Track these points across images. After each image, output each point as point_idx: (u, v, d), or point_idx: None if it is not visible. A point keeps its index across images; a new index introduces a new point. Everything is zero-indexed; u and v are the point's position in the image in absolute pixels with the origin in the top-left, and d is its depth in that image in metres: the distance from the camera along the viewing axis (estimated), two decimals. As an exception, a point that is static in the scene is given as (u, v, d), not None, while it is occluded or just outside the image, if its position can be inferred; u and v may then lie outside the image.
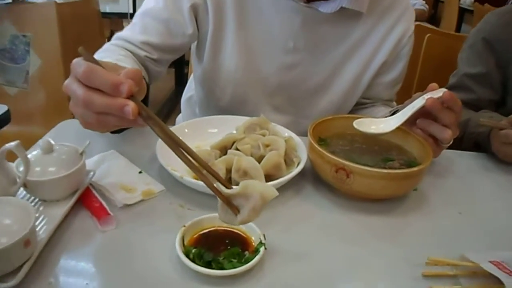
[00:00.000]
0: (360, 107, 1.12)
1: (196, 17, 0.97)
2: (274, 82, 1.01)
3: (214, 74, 1.02)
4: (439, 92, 0.78)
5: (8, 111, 1.12)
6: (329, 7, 0.91)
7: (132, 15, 2.69)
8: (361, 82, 1.04)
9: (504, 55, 1.17)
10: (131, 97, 0.52)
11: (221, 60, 0.99)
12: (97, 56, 0.86)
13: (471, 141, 1.04)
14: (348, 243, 0.66)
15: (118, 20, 2.99)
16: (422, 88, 1.61)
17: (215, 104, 1.07)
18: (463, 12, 5.46)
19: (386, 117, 0.84)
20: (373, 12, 0.98)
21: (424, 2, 3.29)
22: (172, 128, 0.86)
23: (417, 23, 1.92)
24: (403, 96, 1.30)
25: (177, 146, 0.52)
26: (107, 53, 0.90)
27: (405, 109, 0.80)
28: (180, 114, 1.23)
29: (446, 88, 0.80)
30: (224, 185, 0.53)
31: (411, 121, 0.80)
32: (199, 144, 0.85)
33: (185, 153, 0.52)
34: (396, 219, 0.73)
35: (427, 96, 0.77)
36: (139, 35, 0.96)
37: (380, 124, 0.81)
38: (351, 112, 1.10)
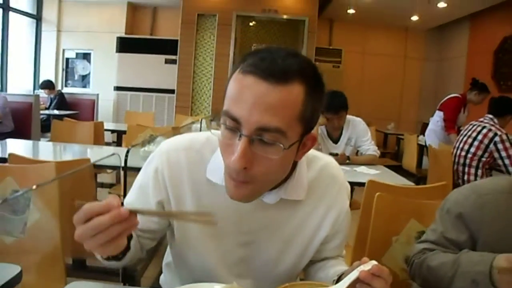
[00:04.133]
0: (314, 263, 1.33)
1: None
2: (235, 256, 1.22)
3: (184, 258, 1.25)
4: (369, 265, 1.00)
5: (20, 272, 1.18)
6: (272, 198, 1.15)
7: (123, 168, 2.95)
8: (308, 252, 1.25)
9: (475, 233, 1.29)
10: None
11: (191, 247, 1.22)
12: None
13: (467, 279, 1.18)
14: None
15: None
16: (376, 239, 1.85)
17: (189, 276, 1.27)
18: (422, 148, 6.03)
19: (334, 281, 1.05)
20: (311, 198, 1.21)
21: (376, 148, 3.52)
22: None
23: (371, 179, 2.22)
24: (360, 248, 1.49)
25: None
26: None
27: (343, 280, 1.02)
28: (162, 274, 1.42)
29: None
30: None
31: (353, 285, 1.00)
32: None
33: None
34: None
35: (360, 268, 1.00)
36: None
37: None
38: (307, 266, 1.31)
